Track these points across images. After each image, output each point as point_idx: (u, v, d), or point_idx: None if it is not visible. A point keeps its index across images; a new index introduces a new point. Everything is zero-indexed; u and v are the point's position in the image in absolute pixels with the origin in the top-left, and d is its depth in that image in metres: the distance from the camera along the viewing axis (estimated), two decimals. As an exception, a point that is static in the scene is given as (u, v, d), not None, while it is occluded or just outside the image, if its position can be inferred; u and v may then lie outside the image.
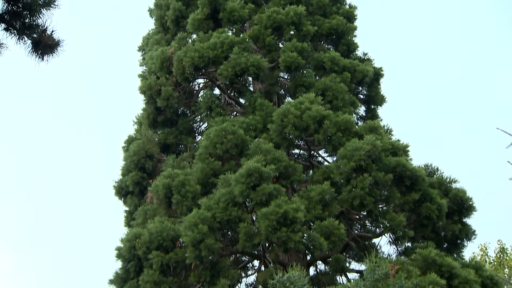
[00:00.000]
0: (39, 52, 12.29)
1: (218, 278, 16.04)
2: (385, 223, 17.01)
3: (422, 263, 15.52)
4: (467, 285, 15.37)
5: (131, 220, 19.61)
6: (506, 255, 31.43)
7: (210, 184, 17.43)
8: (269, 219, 15.23)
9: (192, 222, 15.77)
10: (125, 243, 17.19)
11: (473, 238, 18.63)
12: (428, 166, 19.21)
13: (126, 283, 17.19)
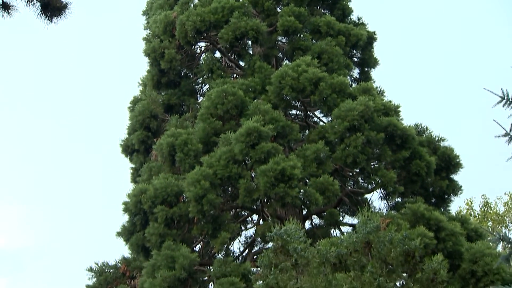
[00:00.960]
0: (48, 14, 12.01)
1: (219, 231, 16.18)
2: (377, 180, 17.11)
3: (411, 217, 15.65)
4: (453, 237, 15.53)
5: (137, 176, 19.68)
6: (490, 209, 31.64)
7: (212, 143, 17.45)
8: (268, 175, 15.31)
9: (194, 179, 15.85)
10: (131, 198, 17.28)
11: (459, 193, 18.77)
12: (418, 125, 19.26)
13: (132, 235, 17.33)
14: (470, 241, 16.14)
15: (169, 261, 15.57)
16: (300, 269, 10.46)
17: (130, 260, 18.30)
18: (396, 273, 10.45)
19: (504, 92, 9.27)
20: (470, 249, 15.49)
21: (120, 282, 18.11)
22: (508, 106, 9.30)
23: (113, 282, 18.32)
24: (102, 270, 18.74)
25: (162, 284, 15.17)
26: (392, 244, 10.44)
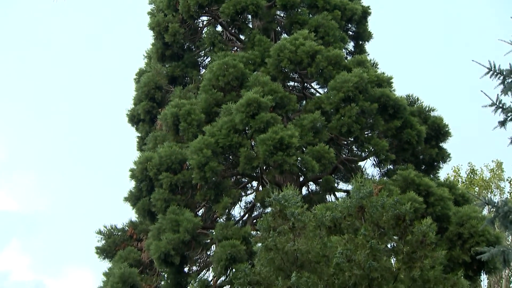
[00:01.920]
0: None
1: (221, 197, 16.26)
2: (370, 148, 17.16)
3: (402, 183, 15.72)
4: (442, 202, 15.61)
5: (143, 145, 19.70)
6: (476, 175, 31.75)
7: (213, 113, 17.44)
8: (267, 144, 15.33)
9: (197, 147, 15.88)
10: (137, 165, 17.33)
11: (448, 160, 18.83)
12: (409, 96, 19.24)
13: (139, 200, 17.40)
14: (457, 205, 16.22)
15: (174, 225, 15.66)
16: (297, 232, 10.54)
17: (137, 224, 18.43)
18: (388, 235, 10.54)
19: (491, 64, 9.26)
20: (457, 213, 15.59)
21: (127, 244, 18.25)
22: (495, 77, 9.30)
23: (121, 244, 18.46)
24: (111, 233, 18.89)
25: (167, 246, 15.29)
26: (384, 208, 10.51)
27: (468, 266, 15.13)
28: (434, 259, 10.16)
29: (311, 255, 10.34)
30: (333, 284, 10.00)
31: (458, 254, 14.94)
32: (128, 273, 16.50)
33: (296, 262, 10.30)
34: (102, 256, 18.59)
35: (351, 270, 9.77)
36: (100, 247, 18.67)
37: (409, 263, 10.09)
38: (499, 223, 8.91)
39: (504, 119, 9.23)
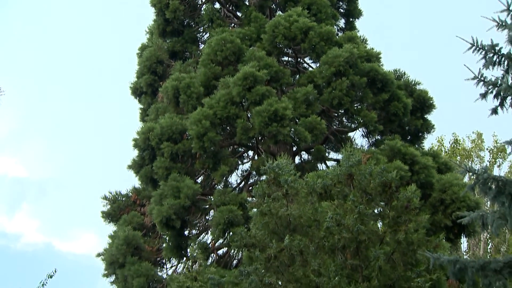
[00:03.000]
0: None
1: (219, 165, 16.29)
2: (359, 119, 17.17)
3: (389, 152, 15.76)
4: (426, 170, 15.68)
5: (145, 116, 19.66)
6: (459, 145, 31.83)
7: (212, 86, 17.39)
8: (262, 116, 15.33)
9: (196, 118, 15.87)
10: (140, 135, 17.32)
11: (432, 131, 18.85)
12: (396, 70, 19.18)
13: (142, 168, 17.43)
14: (440, 173, 16.30)
15: (175, 191, 15.72)
16: (290, 198, 10.58)
17: (140, 190, 18.49)
18: (375, 201, 10.59)
19: (474, 39, 9.24)
20: (440, 180, 15.67)
21: (131, 209, 18.33)
22: (477, 52, 9.28)
23: (125, 209, 18.54)
24: (115, 198, 18.95)
25: (169, 211, 15.36)
26: (372, 176, 10.54)
27: (450, 230, 15.26)
28: (417, 223, 10.23)
29: (303, 220, 10.40)
30: (323, 247, 10.08)
31: (440, 219, 15.06)
32: (132, 236, 16.62)
33: (289, 226, 10.37)
34: (108, 220, 18.69)
35: (340, 233, 9.84)
36: (106, 212, 18.75)
37: (394, 227, 10.16)
38: (479, 190, 8.97)
39: (485, 91, 9.24)
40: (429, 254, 9.13)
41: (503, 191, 8.63)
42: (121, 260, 16.41)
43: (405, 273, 9.81)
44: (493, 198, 8.78)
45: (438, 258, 9.01)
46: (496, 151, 31.36)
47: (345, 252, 9.99)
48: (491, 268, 8.77)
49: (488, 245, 28.71)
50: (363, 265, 9.85)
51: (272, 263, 9.82)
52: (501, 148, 30.84)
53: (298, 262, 9.79)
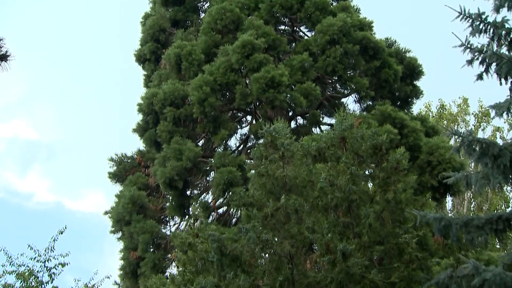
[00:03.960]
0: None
1: (219, 129, 16.31)
2: (352, 86, 17.15)
3: (380, 117, 15.75)
4: (414, 133, 15.71)
5: (149, 82, 19.56)
6: (445, 110, 31.81)
7: (212, 54, 17.28)
8: (260, 82, 15.28)
9: (197, 84, 15.81)
10: (144, 100, 17.29)
11: (420, 96, 18.82)
12: (388, 39, 19.04)
13: (146, 131, 17.44)
14: (428, 136, 16.34)
15: (177, 153, 15.75)
16: (286, 160, 10.61)
17: (144, 152, 18.51)
18: (366, 163, 10.62)
19: (462, 8, 9.16)
20: (427, 143, 15.71)
21: (136, 170, 18.38)
22: (464, 20, 9.21)
23: (130, 170, 18.59)
24: (121, 160, 18.98)
25: (171, 172, 15.43)
26: (363, 139, 10.55)
27: (436, 190, 15.36)
28: (406, 183, 10.28)
29: (298, 180, 10.45)
30: (317, 206, 10.15)
31: (427, 179, 15.14)
32: (137, 195, 16.71)
33: (285, 186, 10.41)
34: (114, 180, 18.75)
35: (333, 193, 9.90)
36: (112, 173, 18.80)
37: (384, 187, 10.21)
38: (464, 151, 8.99)
39: (472, 58, 9.19)
40: (416, 212, 9.20)
41: (486, 152, 8.65)
42: (127, 218, 16.54)
43: (393, 230, 9.91)
44: (477, 159, 8.81)
45: (424, 216, 9.09)
46: (480, 115, 31.37)
47: (338, 210, 10.07)
48: (474, 225, 8.86)
49: (471, 203, 28.95)
50: (354, 223, 9.93)
51: (269, 221, 9.90)
52: (486, 113, 30.85)
53: (293, 220, 9.87)
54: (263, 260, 10.16)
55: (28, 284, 16.79)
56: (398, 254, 9.77)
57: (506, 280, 7.62)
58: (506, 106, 8.98)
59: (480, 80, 9.22)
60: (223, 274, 9.59)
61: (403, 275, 9.50)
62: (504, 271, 7.78)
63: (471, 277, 7.92)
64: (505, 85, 8.93)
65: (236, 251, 9.60)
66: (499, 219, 8.82)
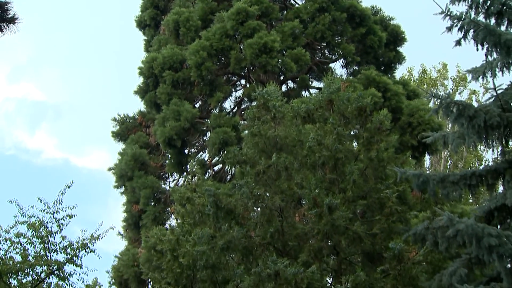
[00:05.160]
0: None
1: (215, 92, 16.23)
2: (339, 52, 17.05)
3: (365, 81, 15.69)
4: (397, 97, 15.69)
5: (149, 47, 19.32)
6: (426, 75, 31.70)
7: (208, 20, 17.07)
8: (253, 47, 15.15)
9: (195, 49, 15.66)
10: (145, 64, 17.14)
11: (403, 62, 18.69)
12: (373, 7, 18.80)
13: (146, 93, 17.33)
14: (409, 99, 16.32)
15: (176, 114, 15.70)
16: (277, 121, 10.59)
17: (145, 113, 18.44)
18: (351, 124, 10.61)
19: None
20: (408, 106, 15.71)
21: (137, 130, 18.34)
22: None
23: (132, 130, 18.55)
24: (124, 120, 18.90)
25: (170, 132, 15.42)
26: (349, 101, 10.53)
27: (415, 149, 15.45)
28: (388, 143, 10.31)
29: (288, 140, 10.46)
30: (305, 163, 10.19)
31: (408, 139, 15.20)
32: (138, 153, 16.72)
33: (276, 145, 10.43)
34: (117, 139, 18.72)
35: (321, 152, 9.92)
36: (115, 132, 18.75)
37: (367, 146, 10.24)
38: (442, 113, 9.00)
39: (451, 25, 9.11)
40: (397, 169, 9.26)
41: (463, 113, 8.67)
42: (129, 174, 16.58)
43: (375, 186, 9.99)
44: (454, 120, 8.83)
45: (404, 172, 9.15)
46: (458, 80, 31.29)
47: (324, 168, 10.11)
48: (449, 181, 8.94)
49: (447, 162, 29.15)
50: (340, 179, 9.99)
51: (261, 177, 9.94)
52: (463, 77, 30.78)
53: (284, 177, 9.92)
54: (255, 213, 10.25)
55: (38, 233, 16.93)
56: (380, 207, 9.87)
57: (477, 230, 7.73)
58: (482, 71, 8.96)
59: (459, 46, 9.17)
60: (219, 226, 9.68)
61: (383, 227, 9.62)
62: (475, 223, 7.89)
63: (446, 228, 8.03)
64: (481, 50, 8.89)
65: (230, 205, 9.67)
66: (472, 175, 8.90)
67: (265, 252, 9.53)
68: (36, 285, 17.16)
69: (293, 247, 9.68)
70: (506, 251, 7.60)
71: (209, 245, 9.48)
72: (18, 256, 17.06)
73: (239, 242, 9.44)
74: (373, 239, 9.59)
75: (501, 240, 7.64)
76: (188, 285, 10.20)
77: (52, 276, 17.44)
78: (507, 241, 7.63)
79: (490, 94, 9.10)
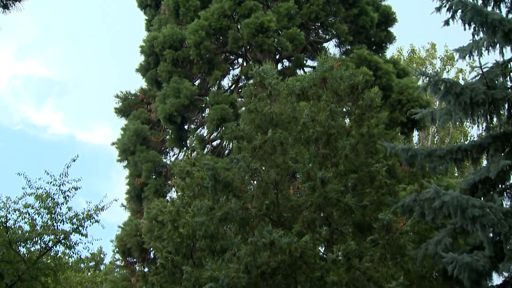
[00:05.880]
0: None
1: (213, 70, 16.13)
2: (333, 31, 16.91)
3: (357, 60, 15.61)
4: (387, 75, 15.63)
5: (150, 26, 19.12)
6: (415, 54, 31.54)
7: (207, 0, 16.85)
8: (250, 27, 15.01)
9: (194, 29, 15.51)
10: (146, 43, 16.98)
11: (393, 42, 18.55)
12: (365, -12, 18.59)
13: (147, 71, 17.20)
14: (399, 77, 16.26)
15: (176, 92, 15.63)
16: (273, 98, 10.55)
17: (147, 90, 18.33)
18: (344, 101, 10.59)
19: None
20: (398, 84, 15.67)
21: (139, 106, 18.27)
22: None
23: (134, 106, 18.47)
24: (126, 97, 18.81)
25: (171, 108, 15.37)
26: (342, 80, 10.48)
27: (404, 125, 15.45)
28: (378, 119, 10.29)
29: (284, 116, 10.43)
30: (300, 139, 10.18)
31: (397, 116, 15.19)
32: (140, 129, 16.69)
33: (271, 121, 10.40)
34: (120, 115, 18.65)
35: (314, 128, 9.91)
36: (118, 108, 18.67)
37: (359, 122, 10.22)
38: (430, 90, 8.99)
39: (440, 5, 9.05)
40: (387, 144, 9.27)
41: (450, 91, 8.66)
42: (132, 148, 16.56)
43: (366, 160, 10.00)
44: (441, 97, 8.82)
45: (394, 147, 9.16)
46: (446, 59, 31.16)
47: (318, 143, 10.11)
48: (436, 155, 8.97)
49: (435, 137, 29.20)
50: (332, 154, 10.00)
51: (257, 152, 9.93)
52: (451, 56, 30.66)
53: (279, 151, 9.92)
54: (252, 186, 10.28)
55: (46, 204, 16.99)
56: (370, 181, 9.90)
57: (462, 202, 7.78)
58: (469, 50, 8.92)
59: (447, 26, 9.11)
60: (217, 198, 9.70)
61: (373, 199, 9.67)
62: (460, 195, 7.94)
63: (432, 200, 8.08)
64: (469, 30, 8.83)
65: (228, 178, 9.68)
66: (458, 150, 8.93)
67: (261, 222, 9.58)
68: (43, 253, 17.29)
69: (287, 218, 9.73)
70: (489, 221, 7.66)
71: (207, 216, 9.52)
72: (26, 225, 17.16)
73: (236, 214, 9.48)
74: (363, 211, 9.64)
75: (484, 211, 7.69)
76: (188, 254, 10.27)
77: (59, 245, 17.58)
78: (489, 212, 7.69)
79: (476, 72, 9.09)
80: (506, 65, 9.03)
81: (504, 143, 8.90)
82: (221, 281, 8.33)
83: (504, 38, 8.43)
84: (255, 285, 8.81)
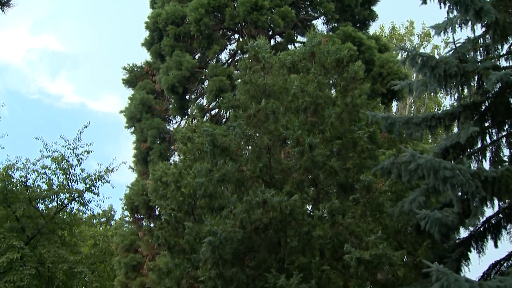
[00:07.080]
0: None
1: (212, 45, 15.95)
2: (321, 10, 16.67)
3: (342, 36, 15.42)
4: (370, 50, 15.48)
5: (154, 4, 18.74)
6: (395, 31, 31.25)
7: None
8: (245, 5, 14.80)
9: (194, 6, 15.29)
10: (150, 19, 16.73)
11: (376, 19, 18.29)
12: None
13: (152, 46, 16.98)
14: (380, 52, 16.11)
15: (178, 65, 15.48)
16: (266, 71, 10.47)
17: (151, 63, 18.12)
18: (330, 73, 10.52)
19: None
20: (380, 58, 15.55)
21: (145, 78, 18.10)
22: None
23: (140, 78, 18.30)
24: (132, 69, 18.60)
25: (173, 80, 15.26)
26: (329, 54, 10.39)
27: (384, 96, 15.41)
28: (361, 90, 10.26)
29: (276, 87, 10.36)
30: (290, 108, 10.15)
31: (378, 87, 15.13)
32: (146, 98, 16.58)
33: (265, 92, 10.34)
34: (127, 85, 18.49)
35: (303, 98, 9.87)
36: (125, 79, 18.50)
37: (344, 93, 10.19)
38: (408, 64, 8.94)
39: (418, -15, 8.92)
40: (369, 113, 9.26)
41: (426, 64, 8.62)
42: (138, 116, 16.49)
43: (350, 127, 10.01)
44: (418, 70, 8.78)
45: (374, 115, 9.15)
46: (423, 36, 30.92)
47: (306, 112, 10.09)
48: (413, 122, 8.98)
49: (412, 107, 29.22)
50: (319, 122, 10.00)
51: (251, 120, 9.91)
52: (427, 33, 30.43)
53: (271, 119, 9.89)
54: (247, 151, 10.29)
55: (61, 166, 17.03)
56: (353, 146, 9.93)
57: (435, 164, 7.82)
58: (443, 27, 8.83)
59: (424, 4, 8.98)
60: (215, 161, 9.72)
61: (356, 162, 9.72)
62: (433, 158, 7.98)
63: (408, 163, 8.12)
64: (444, 8, 8.70)
65: (225, 144, 9.67)
66: (432, 118, 8.94)
67: (254, 183, 9.63)
68: (60, 210, 17.42)
69: (278, 179, 9.78)
70: (458, 181, 7.73)
71: (207, 177, 9.56)
72: (44, 185, 17.30)
73: (233, 175, 9.52)
74: (346, 173, 9.70)
75: (454, 172, 7.75)
76: (189, 211, 10.34)
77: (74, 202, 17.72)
78: (459, 173, 7.75)
79: (450, 47, 9.02)
80: (477, 40, 8.96)
81: (473, 112, 8.92)
82: (219, 235, 8.42)
83: (475, 15, 8.33)
84: (249, 239, 8.93)
